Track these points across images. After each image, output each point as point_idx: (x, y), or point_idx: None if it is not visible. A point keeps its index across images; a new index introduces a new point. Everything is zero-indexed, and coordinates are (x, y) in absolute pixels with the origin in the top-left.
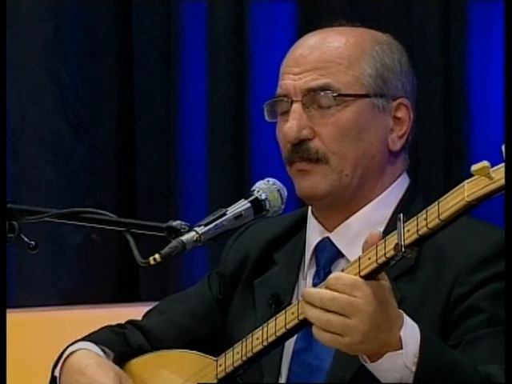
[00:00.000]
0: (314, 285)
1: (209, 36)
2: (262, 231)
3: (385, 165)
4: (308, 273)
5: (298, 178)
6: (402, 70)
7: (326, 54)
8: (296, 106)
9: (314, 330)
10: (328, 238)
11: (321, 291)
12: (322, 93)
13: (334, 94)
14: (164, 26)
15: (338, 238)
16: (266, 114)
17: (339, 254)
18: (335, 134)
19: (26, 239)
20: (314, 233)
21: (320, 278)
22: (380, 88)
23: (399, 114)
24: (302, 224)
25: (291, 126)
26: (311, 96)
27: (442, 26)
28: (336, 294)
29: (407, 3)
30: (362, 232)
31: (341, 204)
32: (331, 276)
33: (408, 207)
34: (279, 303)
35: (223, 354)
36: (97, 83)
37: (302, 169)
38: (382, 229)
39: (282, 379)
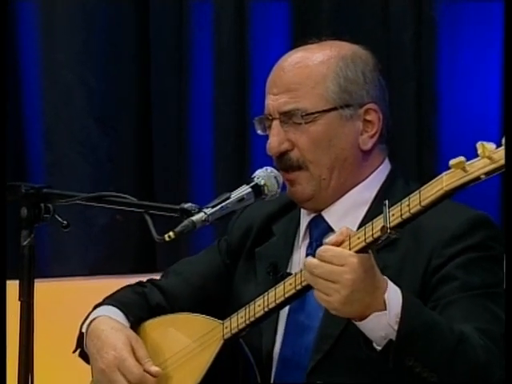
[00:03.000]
0: (307, 255)
1: (214, 43)
2: (264, 205)
3: (359, 162)
4: (302, 244)
5: (288, 186)
6: (366, 78)
7: (297, 76)
8: (275, 123)
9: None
10: (320, 215)
11: (311, 260)
12: (294, 112)
13: (303, 114)
14: (176, 36)
15: (329, 215)
16: (256, 128)
17: (330, 229)
18: (309, 145)
19: (59, 219)
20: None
21: (312, 249)
22: (345, 100)
23: (369, 118)
24: None
25: (272, 141)
26: (286, 115)
27: (415, 37)
28: (320, 262)
29: (385, 17)
30: (350, 210)
31: (325, 201)
32: (322, 247)
33: (389, 189)
34: (276, 271)
35: (228, 318)
36: (119, 86)
37: (288, 179)
38: (366, 208)
39: (278, 336)
